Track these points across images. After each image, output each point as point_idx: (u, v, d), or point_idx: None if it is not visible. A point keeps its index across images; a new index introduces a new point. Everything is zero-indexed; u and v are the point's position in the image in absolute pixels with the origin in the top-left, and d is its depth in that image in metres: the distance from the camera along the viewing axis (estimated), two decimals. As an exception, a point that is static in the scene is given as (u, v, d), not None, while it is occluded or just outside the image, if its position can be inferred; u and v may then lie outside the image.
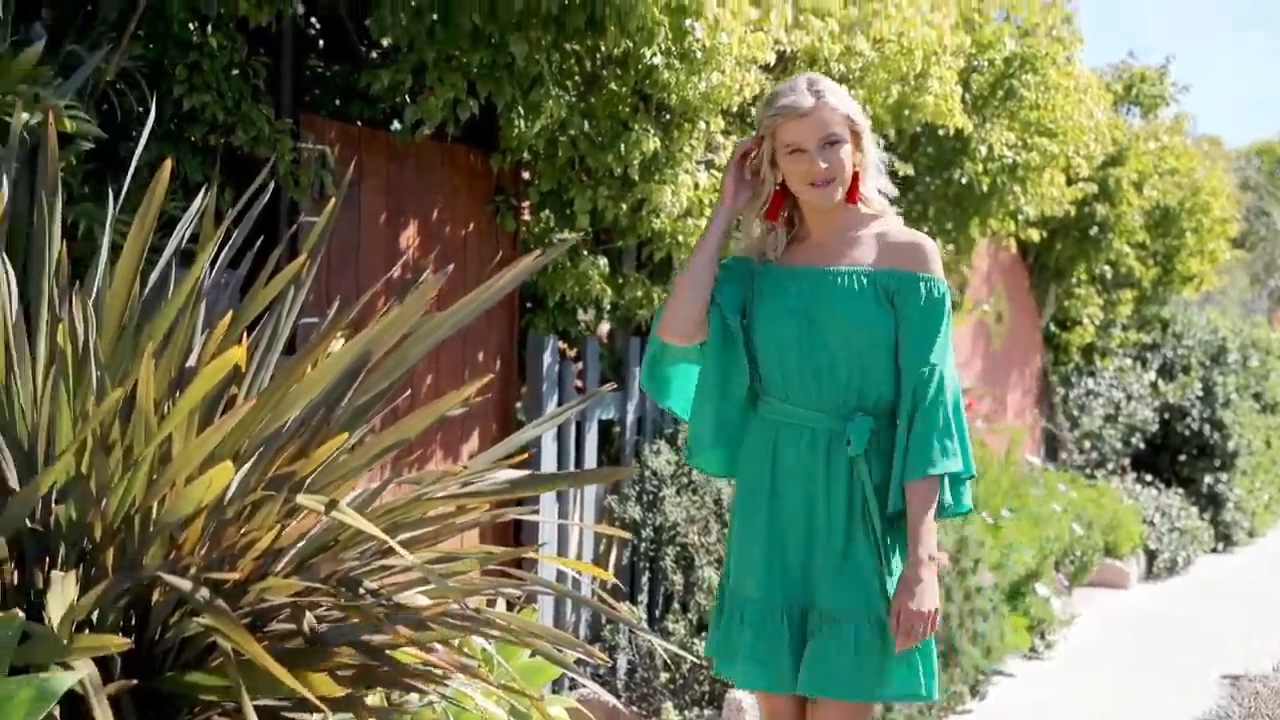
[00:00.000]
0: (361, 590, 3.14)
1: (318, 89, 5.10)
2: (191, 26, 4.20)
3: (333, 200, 3.41)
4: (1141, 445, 12.99)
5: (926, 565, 2.90)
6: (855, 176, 3.04)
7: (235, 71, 4.28)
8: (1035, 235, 9.94)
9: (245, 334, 3.27)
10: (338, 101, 5.08)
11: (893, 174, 7.41)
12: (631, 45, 4.85)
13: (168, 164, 3.05)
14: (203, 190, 3.47)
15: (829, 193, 3.00)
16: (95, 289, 3.05)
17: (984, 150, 7.69)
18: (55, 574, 2.69)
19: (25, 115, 3.33)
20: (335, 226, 3.49)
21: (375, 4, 4.58)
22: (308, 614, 2.92)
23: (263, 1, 4.21)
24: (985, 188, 7.81)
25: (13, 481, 2.87)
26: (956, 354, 10.13)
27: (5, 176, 3.15)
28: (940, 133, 7.47)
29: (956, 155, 7.70)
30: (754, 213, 3.12)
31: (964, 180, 7.76)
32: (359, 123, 5.01)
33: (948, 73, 6.51)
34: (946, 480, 3.00)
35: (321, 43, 5.22)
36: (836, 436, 3.01)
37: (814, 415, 3.03)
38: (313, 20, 5.10)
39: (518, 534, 5.45)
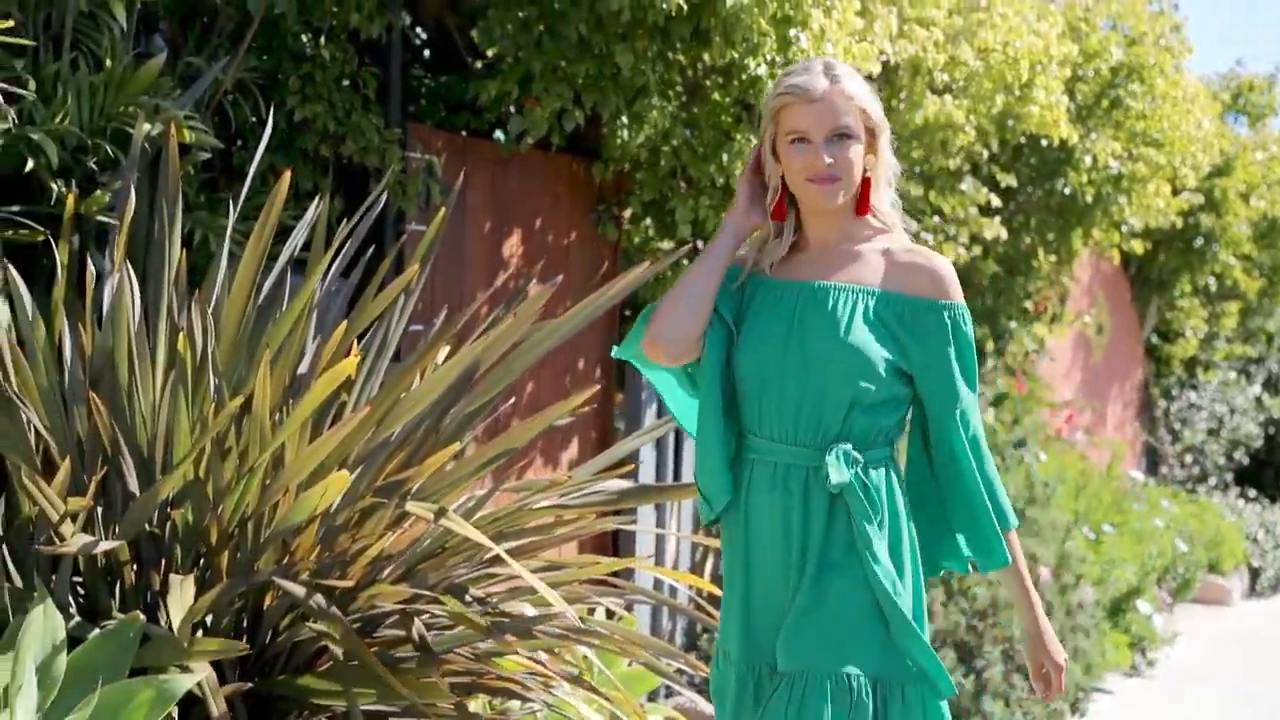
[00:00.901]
0: (468, 598, 3.17)
1: (423, 99, 5.16)
2: (305, 38, 4.27)
3: (442, 210, 3.45)
4: (1245, 460, 12.72)
5: (1044, 616, 2.66)
6: (866, 183, 2.62)
7: (346, 82, 4.35)
8: (1139, 247, 9.79)
9: (355, 342, 3.31)
10: (443, 111, 5.14)
11: (994, 184, 7.36)
12: (736, 56, 4.85)
13: (286, 176, 3.10)
14: (315, 201, 3.53)
15: (829, 192, 2.56)
16: (214, 297, 3.10)
17: (1088, 160, 7.58)
18: (174, 577, 2.75)
19: (146, 126, 3.41)
20: (441, 235, 3.55)
21: (482, 15, 4.62)
22: (416, 621, 2.95)
23: (374, 14, 4.27)
24: (1089, 198, 7.70)
25: (133, 486, 2.93)
26: (1057, 364, 10.04)
27: (130, 186, 3.23)
28: (1044, 143, 7.39)
29: (1060, 165, 7.61)
30: (764, 217, 2.69)
31: (1067, 191, 7.66)
32: (464, 132, 5.06)
33: (1053, 82, 6.43)
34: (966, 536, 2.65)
35: (427, 53, 5.28)
36: (814, 472, 2.56)
37: (788, 450, 2.58)
38: (418, 31, 5.16)
39: (615, 542, 5.47)
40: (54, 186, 3.35)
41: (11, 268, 2.89)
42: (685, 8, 4.52)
